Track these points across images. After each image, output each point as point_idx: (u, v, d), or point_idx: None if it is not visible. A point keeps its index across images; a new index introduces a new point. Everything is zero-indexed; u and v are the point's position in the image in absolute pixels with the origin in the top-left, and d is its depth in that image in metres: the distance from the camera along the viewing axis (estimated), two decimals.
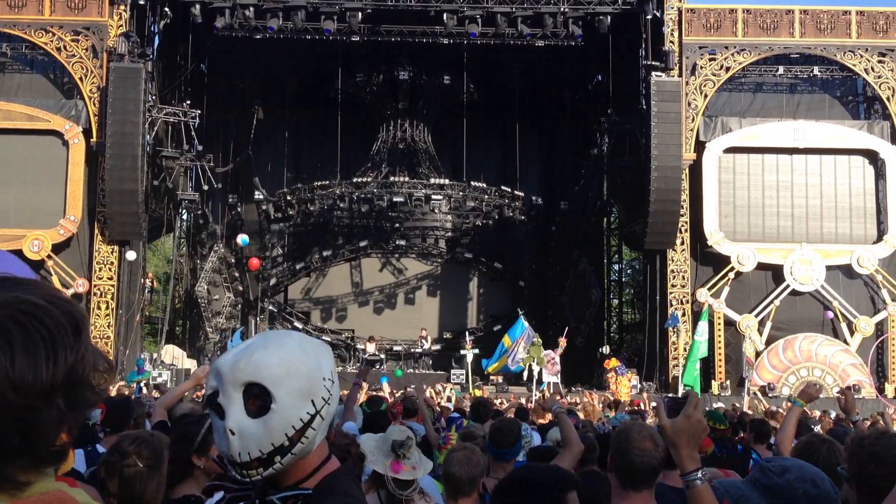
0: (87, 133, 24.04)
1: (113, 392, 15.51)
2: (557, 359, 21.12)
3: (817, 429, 8.67)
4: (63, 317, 1.12)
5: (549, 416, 11.90)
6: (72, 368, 1.10)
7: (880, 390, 23.86)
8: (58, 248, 23.97)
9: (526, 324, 19.94)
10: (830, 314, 24.11)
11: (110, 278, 23.96)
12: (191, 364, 25.80)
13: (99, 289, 23.86)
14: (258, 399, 1.59)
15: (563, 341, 21.16)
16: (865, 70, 24.81)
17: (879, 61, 24.81)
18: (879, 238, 24.74)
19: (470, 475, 3.96)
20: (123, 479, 2.89)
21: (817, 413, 12.45)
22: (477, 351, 25.80)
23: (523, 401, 15.35)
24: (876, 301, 24.68)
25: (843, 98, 25.94)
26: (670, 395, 19.59)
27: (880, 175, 24.95)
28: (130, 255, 23.89)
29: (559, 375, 22.16)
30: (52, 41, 24.15)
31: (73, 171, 24.03)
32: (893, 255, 24.74)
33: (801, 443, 4.12)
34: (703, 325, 22.85)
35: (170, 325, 27.83)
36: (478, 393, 19.78)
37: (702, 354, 22.62)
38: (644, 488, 3.08)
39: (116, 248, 24.09)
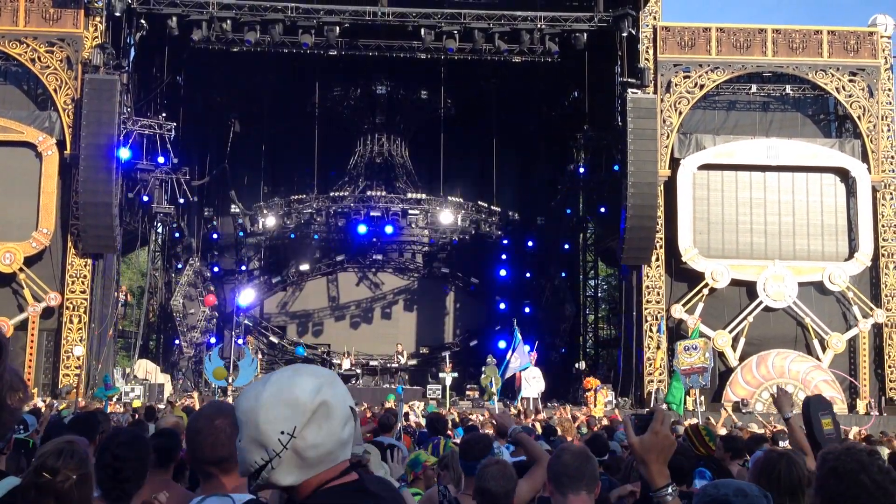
0: (60, 145, 23.83)
1: (82, 405, 15.35)
2: (539, 375, 21.03)
3: (784, 444, 8.71)
4: None
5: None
6: None
7: (851, 407, 24.08)
8: (30, 261, 23.69)
9: (518, 336, 19.93)
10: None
11: (83, 292, 23.70)
12: (164, 379, 25.55)
13: (71, 302, 23.59)
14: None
15: (533, 356, 21.18)
16: (837, 89, 25.19)
17: (850, 80, 25.19)
18: (851, 255, 25.04)
19: (506, 489, 4.05)
20: (59, 495, 2.70)
21: (779, 427, 12.49)
22: (456, 375, 25.81)
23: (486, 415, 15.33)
24: (848, 317, 24.95)
25: (815, 116, 26.30)
26: (637, 412, 19.54)
27: (851, 193, 25.28)
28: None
29: (541, 393, 22.03)
30: (26, 52, 23.97)
31: (46, 184, 23.80)
32: (864, 272, 25.05)
33: (761, 458, 4.15)
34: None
35: (143, 340, 27.55)
36: (453, 409, 19.78)
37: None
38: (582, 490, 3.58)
39: (89, 261, 23.85)
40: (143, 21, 24.28)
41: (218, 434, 2.70)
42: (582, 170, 28.69)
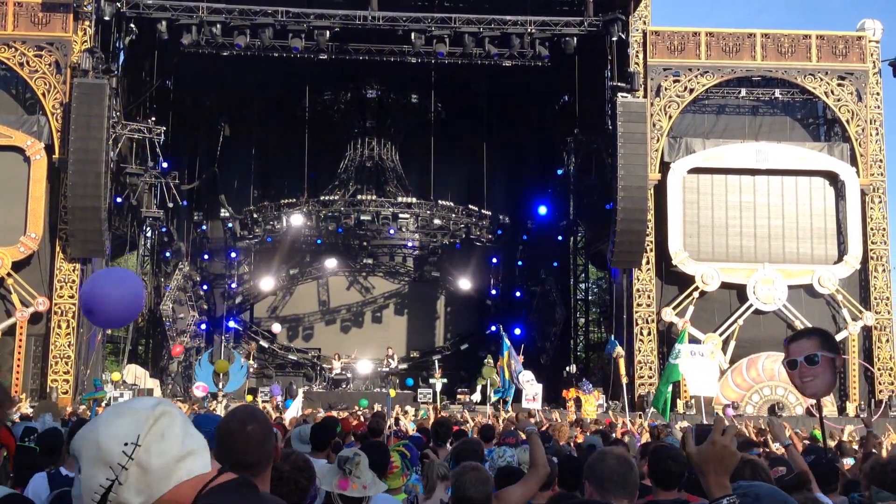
0: (49, 149, 23.72)
1: (70, 411, 15.25)
2: (533, 377, 20.92)
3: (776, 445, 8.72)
4: None
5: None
6: None
7: (841, 409, 24.15)
8: (18, 266, 23.56)
9: (508, 342, 19.80)
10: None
11: (71, 296, 23.56)
12: (153, 384, 25.44)
13: (60, 307, 23.46)
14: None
15: (520, 358, 21.15)
16: (825, 93, 25.30)
17: (839, 84, 25.32)
18: (840, 258, 25.15)
19: (485, 494, 4.06)
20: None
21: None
22: (445, 380, 25.78)
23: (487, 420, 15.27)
24: (837, 320, 25.05)
25: (804, 120, 26.41)
26: (699, 423, 19.34)
27: (840, 196, 25.39)
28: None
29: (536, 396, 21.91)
30: (14, 56, 23.85)
31: (34, 188, 23.69)
32: (853, 275, 25.16)
33: None
34: (678, 348, 22.37)
35: (132, 345, 27.41)
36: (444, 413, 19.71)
37: (675, 378, 22.18)
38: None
39: (78, 266, 23.73)
40: (132, 25, 24.21)
41: (249, 439, 2.71)
42: (572, 173, 28.73)
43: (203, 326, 29.72)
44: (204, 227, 31.74)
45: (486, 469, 4.28)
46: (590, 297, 33.85)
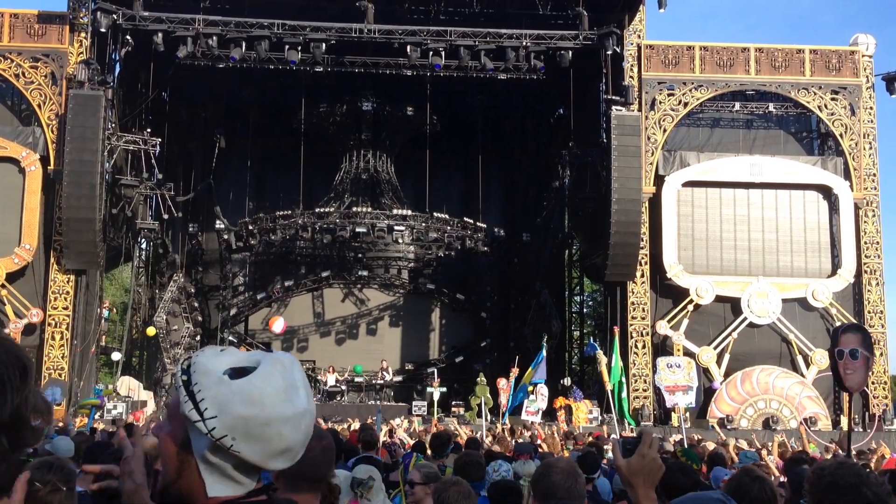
0: (44, 161, 23.71)
1: (62, 424, 15.18)
2: (546, 393, 20.81)
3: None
4: (11, 360, 1.13)
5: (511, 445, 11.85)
6: (17, 409, 1.11)
7: (835, 423, 24.15)
8: (12, 277, 23.51)
9: (543, 353, 19.62)
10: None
11: (65, 308, 23.52)
12: (147, 396, 25.34)
13: (54, 319, 23.40)
14: None
15: (514, 370, 21.15)
16: (819, 107, 25.43)
17: (832, 99, 25.45)
18: (834, 272, 25.21)
19: None
20: None
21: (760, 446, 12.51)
22: (444, 389, 25.71)
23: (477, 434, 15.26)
24: (831, 333, 25.04)
25: (798, 134, 26.52)
26: (625, 434, 19.47)
27: (834, 210, 25.48)
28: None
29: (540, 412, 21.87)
30: (10, 67, 23.87)
31: (29, 199, 23.66)
32: (847, 289, 25.21)
33: (733, 479, 4.15)
34: (615, 360, 22.24)
35: (126, 357, 27.31)
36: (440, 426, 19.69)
37: (616, 378, 21.91)
38: None
39: (72, 277, 23.69)
40: (128, 37, 24.21)
41: (326, 453, 2.72)
42: (567, 186, 28.79)
43: (197, 338, 29.64)
44: (199, 239, 31.71)
45: (467, 483, 4.27)
46: (584, 310, 33.88)
